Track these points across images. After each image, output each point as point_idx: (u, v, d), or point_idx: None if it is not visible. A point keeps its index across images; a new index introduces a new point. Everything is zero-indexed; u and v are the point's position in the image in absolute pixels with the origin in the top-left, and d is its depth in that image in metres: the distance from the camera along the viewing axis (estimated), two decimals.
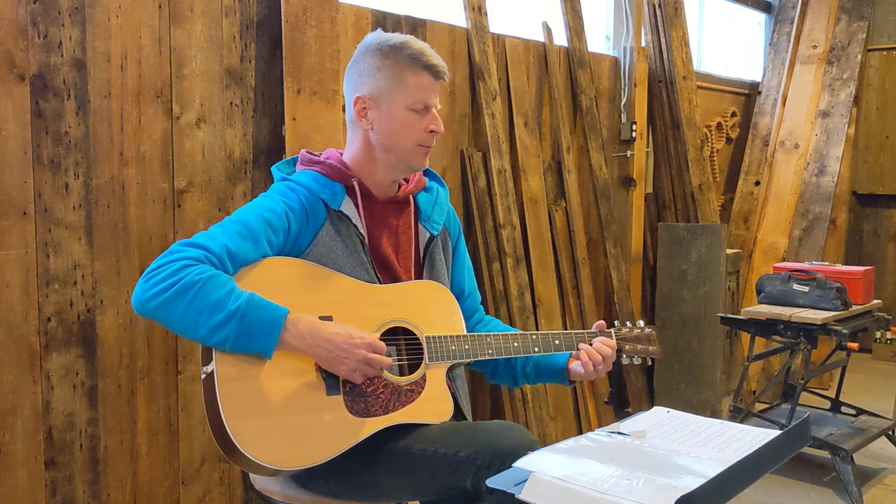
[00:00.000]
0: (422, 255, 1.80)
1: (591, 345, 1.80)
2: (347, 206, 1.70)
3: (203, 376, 1.52)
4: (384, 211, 1.76)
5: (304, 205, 1.65)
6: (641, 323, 1.94)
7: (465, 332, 1.74)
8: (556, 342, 1.78)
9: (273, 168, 1.79)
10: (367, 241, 1.71)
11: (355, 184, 1.72)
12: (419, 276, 1.79)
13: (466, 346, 1.71)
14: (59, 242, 2.14)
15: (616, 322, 1.92)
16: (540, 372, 1.86)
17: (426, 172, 1.87)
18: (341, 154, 1.78)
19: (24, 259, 2.08)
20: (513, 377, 1.91)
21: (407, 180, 1.81)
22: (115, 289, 2.25)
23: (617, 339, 1.87)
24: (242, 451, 1.45)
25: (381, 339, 1.63)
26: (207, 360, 1.51)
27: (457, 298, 1.81)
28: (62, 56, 2.12)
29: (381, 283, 1.71)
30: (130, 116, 2.27)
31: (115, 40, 2.22)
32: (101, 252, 2.23)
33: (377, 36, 1.71)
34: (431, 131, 1.69)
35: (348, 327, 1.55)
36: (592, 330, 1.85)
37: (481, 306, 1.98)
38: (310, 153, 1.78)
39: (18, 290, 2.07)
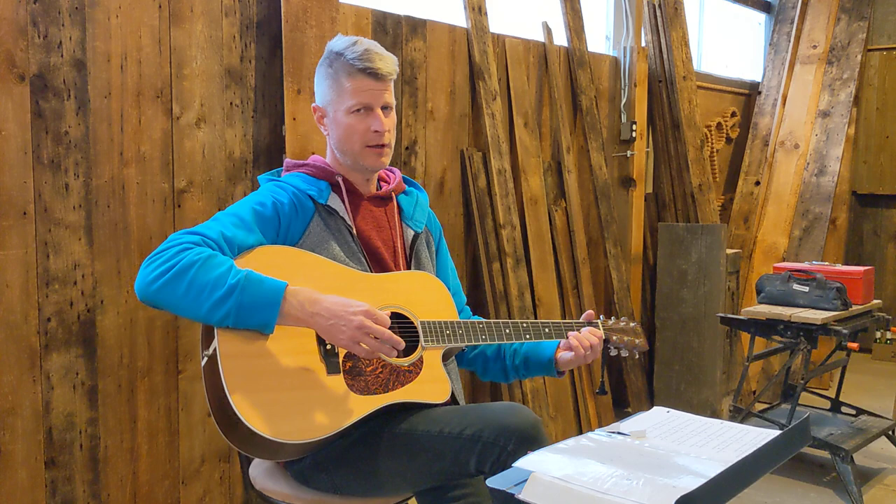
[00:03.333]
0: (408, 251, 1.85)
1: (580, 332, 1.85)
2: (334, 201, 1.76)
3: (204, 360, 1.53)
4: (370, 206, 1.82)
5: (292, 199, 1.70)
6: (625, 318, 2.00)
7: (458, 320, 1.79)
8: (546, 330, 1.83)
9: (259, 178, 1.84)
10: (355, 231, 1.75)
11: (339, 180, 1.78)
12: (407, 270, 1.83)
13: (460, 331, 1.75)
14: (59, 242, 2.14)
15: (601, 316, 1.96)
16: (529, 365, 1.90)
17: (404, 180, 1.94)
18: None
19: (24, 259, 2.08)
20: (503, 372, 1.95)
21: (388, 181, 1.88)
22: (115, 289, 2.25)
23: (604, 329, 1.91)
24: (245, 422, 1.45)
25: None
26: (208, 342, 1.52)
27: None
28: (62, 56, 2.12)
29: (371, 271, 1.74)
30: (130, 116, 2.27)
31: (115, 40, 2.22)
32: (101, 252, 2.23)
33: (330, 43, 1.77)
34: (375, 131, 1.72)
35: (347, 298, 1.56)
36: (581, 320, 1.90)
37: (467, 307, 2.01)
38: (293, 160, 1.84)
39: (18, 290, 2.07)
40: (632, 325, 1.97)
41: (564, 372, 1.89)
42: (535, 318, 3.50)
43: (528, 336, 1.81)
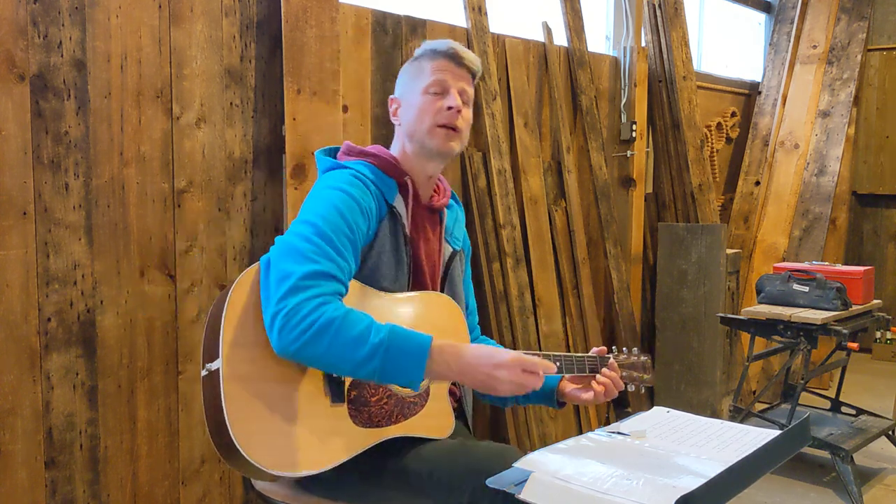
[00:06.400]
0: (443, 268, 1.80)
1: (590, 369, 1.77)
2: (398, 203, 1.70)
3: (204, 373, 1.50)
4: (423, 216, 1.76)
5: (373, 197, 1.64)
6: (637, 350, 1.92)
7: None
8: (557, 364, 1.73)
9: (319, 158, 1.75)
10: (408, 239, 1.70)
11: (408, 181, 1.71)
12: (440, 289, 1.78)
13: None
14: (59, 242, 2.14)
15: (614, 348, 1.89)
16: (528, 394, 1.81)
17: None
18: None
19: (24, 259, 2.08)
20: (501, 398, 1.88)
21: (438, 192, 1.81)
22: (115, 289, 2.25)
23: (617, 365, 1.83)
24: (244, 454, 1.44)
25: None
26: (211, 356, 1.49)
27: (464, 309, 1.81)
28: (62, 56, 2.12)
29: (409, 285, 1.69)
30: (130, 116, 2.27)
31: (115, 40, 2.22)
32: (101, 252, 2.23)
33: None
34: (448, 107, 1.66)
35: (490, 350, 1.50)
36: (592, 354, 1.81)
37: (478, 326, 1.97)
38: (356, 146, 1.76)
39: (18, 290, 2.07)
40: (643, 359, 1.91)
41: (566, 403, 1.83)
42: (535, 317, 3.50)
43: None
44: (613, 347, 1.90)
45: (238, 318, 1.50)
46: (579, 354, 1.77)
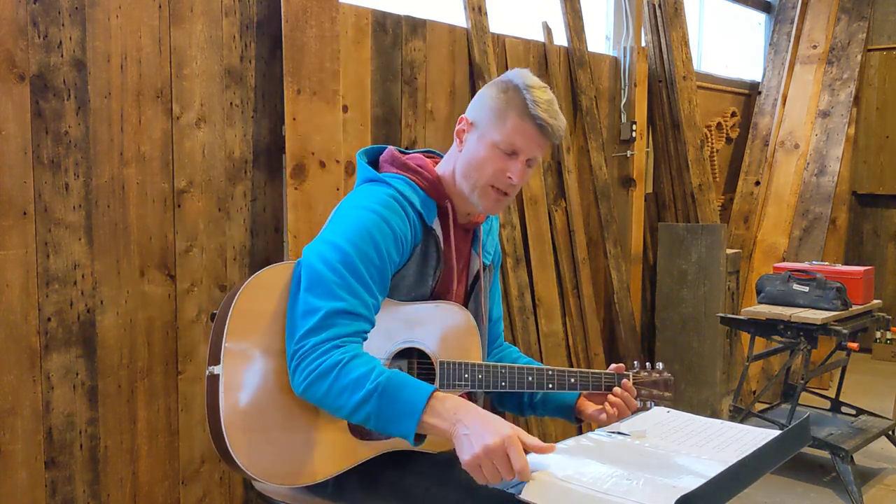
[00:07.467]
0: (469, 283, 1.77)
1: (606, 387, 1.73)
2: (436, 225, 1.67)
3: (208, 374, 1.50)
4: (459, 235, 1.73)
5: (409, 224, 1.61)
6: (661, 366, 1.86)
7: (481, 361, 1.70)
8: (572, 380, 1.70)
9: (359, 157, 1.72)
10: (441, 260, 1.67)
11: (449, 205, 1.68)
12: (464, 303, 1.76)
13: (479, 376, 1.66)
14: (59, 242, 2.14)
15: (636, 363, 1.84)
16: (547, 405, 1.81)
17: None
18: (433, 163, 1.74)
19: (24, 259, 2.08)
20: (519, 407, 1.87)
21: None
22: (115, 289, 2.25)
23: (634, 384, 1.78)
24: (239, 464, 1.45)
25: (392, 359, 1.60)
26: (214, 359, 1.49)
27: (487, 322, 1.80)
28: (62, 56, 2.12)
29: (430, 297, 1.68)
30: (130, 116, 2.27)
31: (115, 40, 2.22)
32: (101, 252, 2.23)
33: (519, 71, 1.66)
34: (508, 177, 1.61)
35: (497, 418, 1.38)
36: (609, 371, 1.76)
37: (503, 332, 1.96)
38: (401, 154, 1.72)
39: (18, 290, 2.07)
40: (665, 376, 1.84)
41: (584, 421, 1.78)
42: (535, 317, 3.50)
43: (550, 385, 1.70)
44: (635, 363, 1.84)
45: (241, 327, 1.51)
46: (596, 371, 1.73)
